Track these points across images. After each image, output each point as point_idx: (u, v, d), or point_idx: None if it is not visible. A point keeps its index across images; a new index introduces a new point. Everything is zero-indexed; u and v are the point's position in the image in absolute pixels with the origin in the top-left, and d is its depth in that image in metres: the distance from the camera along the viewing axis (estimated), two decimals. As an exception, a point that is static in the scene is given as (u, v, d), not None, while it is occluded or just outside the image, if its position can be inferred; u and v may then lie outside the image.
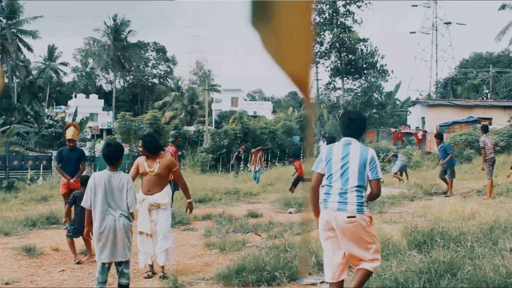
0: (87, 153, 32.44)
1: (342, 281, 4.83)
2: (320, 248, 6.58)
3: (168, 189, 7.00)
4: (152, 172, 6.76)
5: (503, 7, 44.49)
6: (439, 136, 15.20)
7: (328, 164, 4.75)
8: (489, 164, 13.22)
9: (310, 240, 7.15)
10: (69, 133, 10.29)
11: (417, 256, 6.14)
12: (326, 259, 4.87)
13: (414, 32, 63.67)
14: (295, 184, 16.07)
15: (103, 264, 5.40)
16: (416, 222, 8.25)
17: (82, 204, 5.56)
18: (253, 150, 21.52)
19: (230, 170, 25.29)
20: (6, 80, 52.46)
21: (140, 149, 6.99)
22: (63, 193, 10.06)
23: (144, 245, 6.73)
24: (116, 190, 5.38)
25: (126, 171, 10.21)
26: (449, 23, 57.46)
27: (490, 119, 31.69)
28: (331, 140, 11.04)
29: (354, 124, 4.89)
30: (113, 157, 5.52)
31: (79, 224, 7.15)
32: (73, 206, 7.62)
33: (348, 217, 4.54)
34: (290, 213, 12.48)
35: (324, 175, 4.81)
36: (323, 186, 4.92)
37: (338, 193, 4.64)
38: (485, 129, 13.99)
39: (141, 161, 6.96)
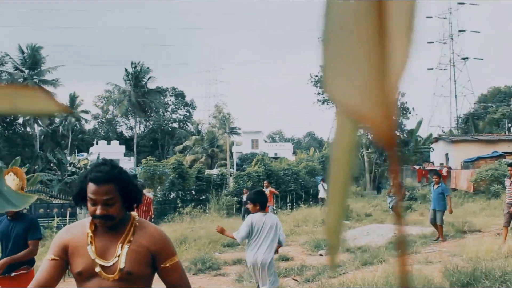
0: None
1: None
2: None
3: None
4: (109, 271, 2.50)
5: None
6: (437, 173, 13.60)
7: None
8: None
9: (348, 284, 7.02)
10: None
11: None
12: None
13: (432, 69, 63.76)
14: None
15: None
16: (456, 262, 8.06)
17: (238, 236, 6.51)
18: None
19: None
20: (28, 129, 53.30)
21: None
22: None
23: None
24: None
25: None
26: (466, 58, 57.53)
27: (515, 153, 31.27)
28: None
29: None
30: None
31: None
32: None
33: None
34: (321, 255, 12.32)
35: None
36: None
37: None
38: None
39: (73, 236, 2.59)
